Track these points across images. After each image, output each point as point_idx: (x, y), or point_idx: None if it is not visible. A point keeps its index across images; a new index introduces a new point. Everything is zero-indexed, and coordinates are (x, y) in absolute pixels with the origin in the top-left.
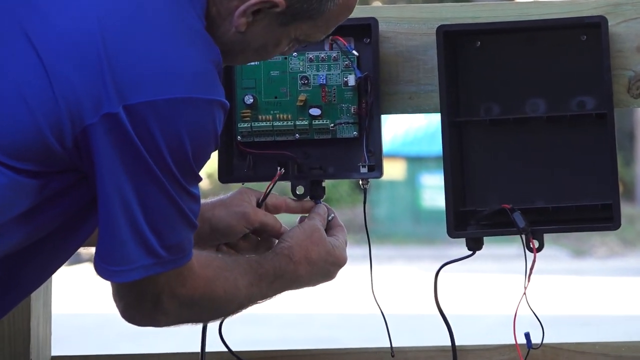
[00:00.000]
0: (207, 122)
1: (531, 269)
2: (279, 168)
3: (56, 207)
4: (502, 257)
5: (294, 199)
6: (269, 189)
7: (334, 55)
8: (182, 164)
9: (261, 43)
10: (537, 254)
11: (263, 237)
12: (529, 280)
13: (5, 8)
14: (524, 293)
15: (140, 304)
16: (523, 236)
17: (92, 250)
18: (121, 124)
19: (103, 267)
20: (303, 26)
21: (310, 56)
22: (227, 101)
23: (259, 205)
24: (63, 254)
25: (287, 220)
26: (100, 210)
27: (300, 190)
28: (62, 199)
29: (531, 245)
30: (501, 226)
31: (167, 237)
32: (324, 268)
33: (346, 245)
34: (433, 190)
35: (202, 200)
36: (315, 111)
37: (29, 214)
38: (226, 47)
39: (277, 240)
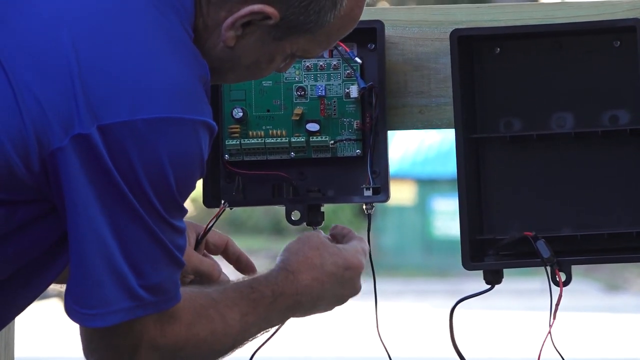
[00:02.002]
0: (192, 146)
1: (557, 305)
2: (222, 202)
3: (22, 240)
4: (524, 292)
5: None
6: (209, 225)
7: (334, 63)
8: (163, 195)
9: (253, 59)
10: (565, 289)
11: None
12: (554, 318)
13: None
14: (549, 332)
15: (115, 358)
16: (548, 268)
17: (60, 286)
18: (94, 146)
19: (76, 310)
20: (300, 40)
21: (308, 64)
22: (214, 122)
23: (197, 242)
24: (31, 293)
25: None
26: (72, 246)
27: (296, 215)
28: (30, 232)
29: (557, 278)
30: (523, 257)
31: (148, 276)
32: (335, 274)
33: (365, 254)
34: (446, 217)
35: None
36: (313, 126)
37: None
38: (214, 64)
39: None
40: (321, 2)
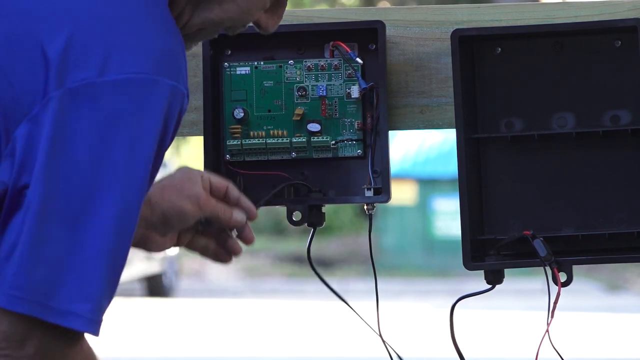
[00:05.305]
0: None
1: (555, 303)
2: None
3: None
4: (525, 292)
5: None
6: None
7: (335, 63)
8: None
9: None
10: (565, 289)
11: (217, 229)
12: (552, 317)
13: None
14: (547, 331)
15: None
16: (547, 267)
17: None
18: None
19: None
20: None
21: (309, 64)
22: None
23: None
24: None
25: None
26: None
27: (297, 216)
28: None
29: (554, 277)
30: (524, 257)
31: None
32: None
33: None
34: (447, 217)
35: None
36: (314, 127)
37: None
38: None
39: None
40: None
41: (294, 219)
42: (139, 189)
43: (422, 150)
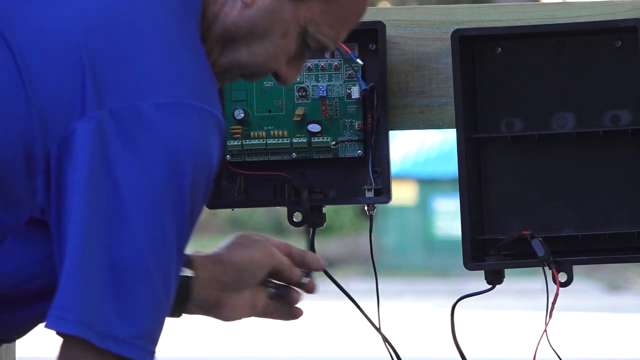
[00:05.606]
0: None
1: (553, 303)
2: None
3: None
4: (526, 292)
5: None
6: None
7: (336, 63)
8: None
9: (268, 23)
10: (566, 289)
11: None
12: (550, 317)
13: None
14: (545, 331)
15: None
16: (546, 267)
17: None
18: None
19: None
20: (314, 8)
21: (309, 65)
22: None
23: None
24: None
25: None
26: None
27: (297, 217)
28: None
29: (554, 277)
30: (524, 257)
31: None
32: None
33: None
34: (448, 217)
35: (203, 252)
36: (314, 127)
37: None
38: (229, 34)
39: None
40: None
41: (294, 219)
42: (177, 210)
43: (422, 150)
